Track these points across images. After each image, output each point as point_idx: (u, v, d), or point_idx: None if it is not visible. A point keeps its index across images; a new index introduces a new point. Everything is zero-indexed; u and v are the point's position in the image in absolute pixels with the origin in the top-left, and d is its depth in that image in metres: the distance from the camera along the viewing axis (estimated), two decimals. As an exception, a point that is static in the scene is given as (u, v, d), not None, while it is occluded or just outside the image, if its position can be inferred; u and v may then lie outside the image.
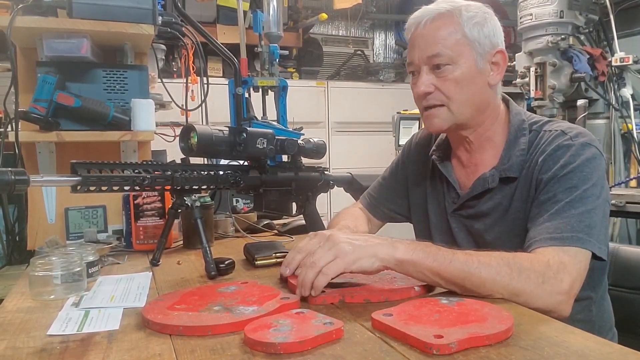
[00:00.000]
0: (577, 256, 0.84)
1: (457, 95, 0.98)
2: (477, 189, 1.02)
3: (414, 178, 1.19)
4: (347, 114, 3.53)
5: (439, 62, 0.97)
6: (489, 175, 1.01)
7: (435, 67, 0.98)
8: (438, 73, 0.98)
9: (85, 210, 1.35)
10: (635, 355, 0.59)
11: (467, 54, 0.97)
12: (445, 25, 0.97)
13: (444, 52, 0.96)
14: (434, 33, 0.97)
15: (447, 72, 0.97)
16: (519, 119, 1.03)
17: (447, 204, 1.09)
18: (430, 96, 0.99)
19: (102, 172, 0.90)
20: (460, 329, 0.63)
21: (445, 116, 1.00)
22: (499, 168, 1.01)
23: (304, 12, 3.57)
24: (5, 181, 0.76)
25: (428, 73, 0.98)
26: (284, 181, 1.20)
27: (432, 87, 0.98)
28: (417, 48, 0.99)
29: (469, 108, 1.00)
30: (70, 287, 0.89)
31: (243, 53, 1.54)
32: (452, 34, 0.97)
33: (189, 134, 1.04)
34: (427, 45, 0.97)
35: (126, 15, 1.37)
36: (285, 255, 1.07)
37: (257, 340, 0.62)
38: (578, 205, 0.88)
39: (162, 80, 1.84)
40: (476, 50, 0.98)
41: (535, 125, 1.02)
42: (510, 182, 0.99)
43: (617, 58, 2.62)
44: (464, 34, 0.97)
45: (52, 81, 1.37)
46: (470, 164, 1.07)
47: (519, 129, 1.02)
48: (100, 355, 0.63)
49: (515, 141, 1.01)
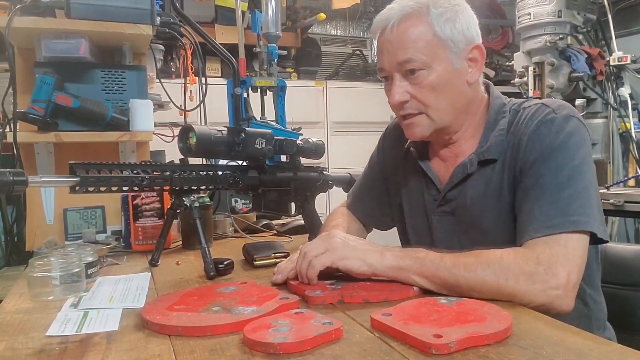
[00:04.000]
0: (570, 243, 0.79)
1: (435, 102, 0.92)
2: (457, 176, 0.97)
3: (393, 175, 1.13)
4: (345, 114, 3.53)
5: (412, 67, 0.90)
6: (467, 161, 0.96)
7: (408, 73, 0.91)
8: (412, 79, 0.91)
9: (84, 210, 1.35)
10: (635, 354, 0.59)
11: (441, 55, 0.91)
12: (414, 26, 0.90)
13: (415, 56, 0.89)
14: (403, 36, 0.90)
15: (422, 77, 0.91)
16: (499, 102, 0.98)
17: (428, 203, 1.03)
18: (406, 105, 0.93)
19: (100, 173, 0.90)
20: (460, 328, 0.63)
21: (425, 124, 0.95)
22: (477, 152, 0.95)
23: (302, 12, 3.57)
24: (3, 182, 0.76)
25: (401, 80, 0.92)
26: (282, 181, 1.20)
27: (407, 95, 0.92)
28: (387, 53, 0.92)
29: (449, 113, 0.95)
30: (69, 287, 0.89)
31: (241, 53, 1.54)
32: (423, 35, 0.90)
33: (188, 134, 1.04)
34: (396, 51, 0.90)
35: (124, 16, 1.37)
36: (285, 256, 1.07)
37: (256, 341, 0.62)
38: (567, 185, 0.83)
39: (161, 80, 1.84)
40: (450, 50, 0.91)
41: (515, 105, 0.97)
42: (490, 164, 0.94)
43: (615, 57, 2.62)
44: (434, 34, 0.90)
45: (50, 82, 1.37)
46: (450, 156, 1.01)
47: (498, 112, 0.97)
48: (99, 356, 0.63)
49: (494, 123, 0.96)
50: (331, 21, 4.02)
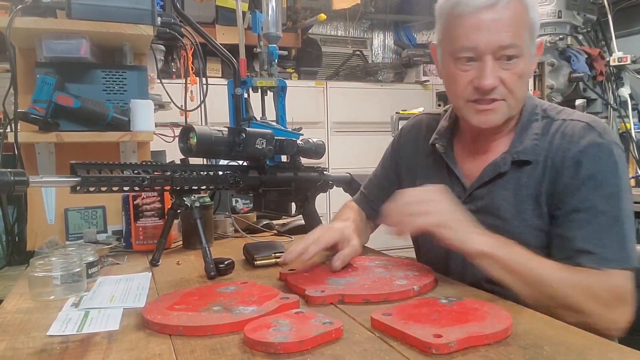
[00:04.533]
0: (631, 280, 0.82)
1: (518, 90, 0.90)
2: (488, 174, 0.95)
3: (407, 174, 1.13)
4: (346, 114, 3.53)
5: (511, 53, 0.87)
6: (500, 160, 0.94)
7: (503, 58, 0.87)
8: (505, 64, 0.88)
9: (85, 210, 1.35)
10: (635, 354, 0.59)
11: (528, 42, 0.89)
12: (520, 10, 0.86)
13: (517, 42, 0.86)
14: (511, 19, 0.85)
15: (515, 64, 0.88)
16: (532, 103, 0.97)
17: None
18: (494, 90, 0.89)
19: (101, 173, 0.90)
20: (460, 328, 0.63)
21: (504, 111, 0.91)
22: (510, 151, 0.94)
23: (302, 13, 3.58)
24: (4, 182, 0.76)
25: (494, 63, 0.87)
26: (283, 181, 1.20)
27: (497, 80, 0.88)
28: (487, 33, 0.85)
29: (521, 103, 0.94)
30: (70, 287, 0.89)
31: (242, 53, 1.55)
32: (524, 20, 0.87)
33: (188, 135, 1.04)
34: (500, 32, 0.85)
35: (125, 16, 1.37)
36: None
37: (256, 340, 0.62)
38: (619, 218, 0.84)
39: (161, 80, 1.84)
40: (532, 38, 0.90)
41: (548, 112, 0.96)
42: (523, 166, 0.92)
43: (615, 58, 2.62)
44: (529, 20, 0.88)
45: (51, 82, 1.37)
46: (479, 152, 0.99)
47: (531, 113, 0.96)
48: (100, 355, 0.63)
49: (528, 125, 0.95)
50: (331, 22, 4.02)
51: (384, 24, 4.25)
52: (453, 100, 0.97)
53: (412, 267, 0.95)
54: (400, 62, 4.06)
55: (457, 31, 0.89)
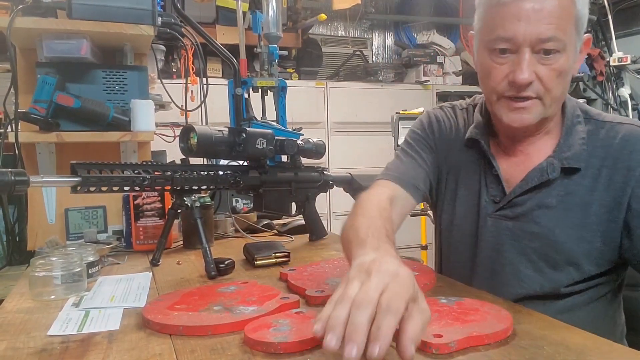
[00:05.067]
0: None
1: (556, 88, 0.83)
2: (533, 180, 0.88)
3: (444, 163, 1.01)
4: (346, 114, 3.53)
5: (552, 47, 0.80)
6: (547, 165, 0.87)
7: (542, 52, 0.81)
8: (543, 59, 0.81)
9: (85, 210, 1.35)
10: (636, 354, 0.59)
11: (573, 38, 0.82)
12: (564, 1, 0.79)
13: (559, 36, 0.79)
14: (554, 10, 0.78)
15: (554, 59, 0.81)
16: (572, 104, 0.92)
17: (484, 203, 0.93)
18: (529, 87, 0.82)
19: (102, 173, 0.90)
20: (460, 328, 0.63)
21: (538, 110, 0.85)
22: (558, 157, 0.87)
23: (303, 13, 3.57)
24: (5, 182, 0.76)
25: (531, 57, 0.81)
26: (283, 181, 1.20)
27: (534, 75, 0.81)
28: (526, 23, 0.79)
29: (558, 103, 0.87)
30: (71, 287, 0.89)
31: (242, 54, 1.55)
32: (569, 12, 0.80)
33: (189, 135, 1.04)
34: (540, 24, 0.78)
35: (126, 16, 1.37)
36: (286, 255, 1.07)
37: (257, 340, 0.62)
38: None
39: (162, 80, 1.84)
40: (578, 33, 0.83)
41: (590, 114, 0.91)
42: (572, 173, 0.87)
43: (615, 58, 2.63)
44: (576, 13, 0.81)
45: (51, 82, 1.37)
46: (519, 154, 0.92)
47: (574, 115, 0.91)
48: (101, 355, 0.63)
49: (572, 128, 0.89)
50: (332, 22, 4.02)
51: (384, 24, 4.25)
52: (486, 94, 0.91)
53: (412, 267, 0.95)
54: (400, 62, 4.06)
55: (494, 20, 0.83)
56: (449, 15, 4.23)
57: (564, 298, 0.89)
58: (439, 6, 4.22)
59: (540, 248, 0.89)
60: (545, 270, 0.89)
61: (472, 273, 0.96)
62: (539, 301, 0.89)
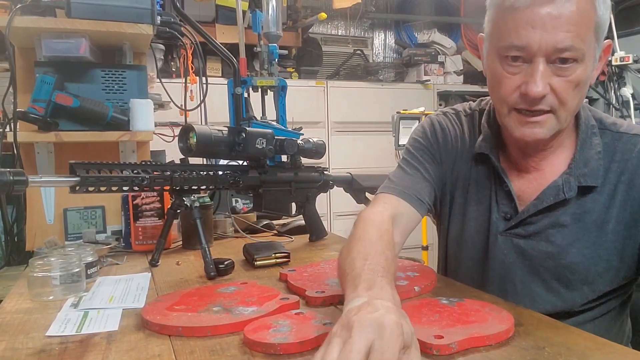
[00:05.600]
0: None
1: (571, 101, 0.77)
2: (548, 199, 0.84)
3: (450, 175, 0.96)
4: (346, 114, 3.53)
5: (569, 56, 0.74)
6: (563, 183, 0.83)
7: (558, 61, 0.74)
8: (559, 70, 0.75)
9: (84, 210, 1.35)
10: (636, 355, 0.59)
11: (592, 46, 0.76)
12: (586, 6, 0.73)
13: (577, 44, 0.73)
14: (572, 16, 0.72)
15: (571, 70, 0.74)
16: (586, 115, 0.86)
17: (495, 219, 0.89)
18: (543, 100, 0.76)
19: (100, 173, 0.90)
20: (461, 329, 0.63)
21: (551, 126, 0.79)
22: (574, 173, 0.83)
23: (303, 12, 3.57)
24: (3, 182, 0.75)
25: (545, 67, 0.75)
26: (283, 181, 1.20)
27: (548, 87, 0.75)
28: (542, 31, 0.72)
29: (572, 115, 0.81)
30: (69, 287, 0.89)
31: (242, 53, 1.54)
32: (589, 18, 0.73)
33: (188, 134, 1.04)
34: (557, 31, 0.72)
35: (125, 15, 1.36)
36: (286, 256, 1.07)
37: (256, 341, 0.61)
38: None
39: (161, 80, 1.84)
40: (598, 40, 0.77)
41: (604, 123, 0.87)
42: (588, 191, 0.83)
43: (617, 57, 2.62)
44: (596, 20, 0.74)
45: (50, 81, 1.37)
46: (531, 169, 0.87)
47: (587, 126, 0.85)
48: (100, 356, 0.63)
49: (587, 141, 0.85)
50: (332, 21, 4.01)
51: (385, 23, 4.25)
52: (496, 105, 0.85)
53: (413, 268, 0.95)
54: (401, 61, 4.06)
55: (507, 25, 0.76)
56: (450, 14, 4.22)
57: (575, 316, 0.87)
58: (440, 5, 4.22)
59: (554, 268, 0.85)
60: (559, 290, 0.86)
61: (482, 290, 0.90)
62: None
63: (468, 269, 0.95)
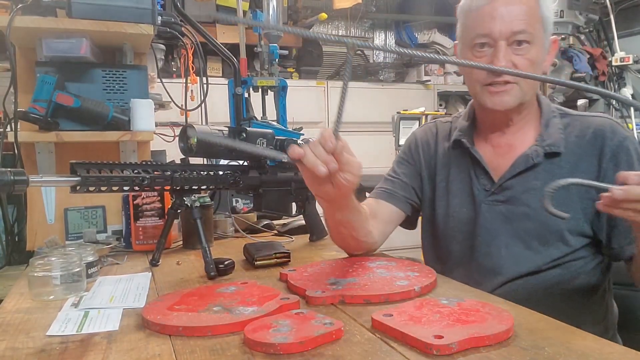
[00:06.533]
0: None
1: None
2: (520, 166, 1.01)
3: (427, 171, 1.15)
4: (347, 114, 3.48)
5: (523, 38, 0.95)
6: (531, 152, 1.00)
7: (515, 43, 0.96)
8: (517, 50, 0.96)
9: (85, 210, 1.35)
10: (638, 356, 0.59)
11: (540, 34, 0.98)
12: (531, 2, 0.96)
13: (528, 29, 0.95)
14: (521, 8, 0.95)
15: (526, 50, 0.96)
16: (547, 102, 1.07)
17: (477, 192, 1.05)
18: None
19: (101, 173, 0.90)
20: (461, 329, 0.63)
21: (516, 94, 0.98)
22: (540, 144, 1.00)
23: (303, 12, 3.57)
24: (4, 181, 0.75)
25: (506, 48, 0.96)
26: (283, 181, 1.20)
27: (510, 63, 0.96)
28: (500, 21, 0.95)
29: (533, 90, 1.01)
30: (70, 287, 0.89)
31: (242, 53, 1.55)
32: (535, 11, 0.96)
33: (189, 134, 1.04)
34: (513, 19, 0.95)
35: (125, 15, 1.37)
36: (286, 256, 1.07)
37: (256, 341, 0.62)
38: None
39: (162, 80, 1.84)
40: (545, 32, 0.99)
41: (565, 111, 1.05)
42: (554, 157, 1.00)
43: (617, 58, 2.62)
44: (541, 13, 0.97)
45: (51, 81, 1.37)
46: (504, 146, 1.05)
47: (549, 111, 1.05)
48: (100, 355, 0.63)
49: (550, 122, 1.03)
50: (332, 21, 4.02)
51: (385, 24, 4.25)
52: (471, 87, 1.04)
53: (413, 268, 0.95)
54: (401, 61, 4.06)
55: (473, 22, 0.98)
56: (450, 14, 4.22)
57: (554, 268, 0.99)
58: (440, 5, 4.22)
59: (532, 228, 0.99)
60: (538, 248, 0.99)
61: (470, 259, 1.05)
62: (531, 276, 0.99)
63: (458, 242, 1.08)
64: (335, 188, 0.81)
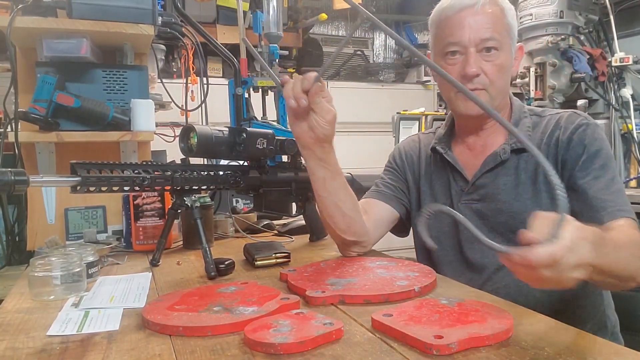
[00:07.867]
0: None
1: (498, 81, 1.02)
2: (489, 164, 1.06)
3: (412, 177, 1.21)
4: (347, 114, 3.53)
5: (491, 45, 1.00)
6: (500, 150, 1.05)
7: (484, 50, 1.00)
8: (486, 56, 1.01)
9: (85, 210, 1.35)
10: (635, 355, 0.59)
11: (507, 41, 1.03)
12: (497, 10, 1.02)
13: (496, 36, 1.00)
14: (489, 17, 1.00)
15: (495, 56, 1.01)
16: (519, 104, 1.12)
17: (455, 193, 1.11)
18: (475, 79, 1.01)
19: (101, 173, 0.90)
20: (461, 329, 0.63)
21: (486, 100, 1.01)
22: (508, 143, 1.05)
23: (303, 12, 3.57)
24: (4, 181, 0.76)
25: (476, 55, 1.00)
26: (283, 181, 1.20)
27: (480, 69, 1.00)
28: (469, 29, 1.00)
29: (502, 94, 1.06)
30: (70, 287, 0.89)
31: (243, 53, 1.54)
32: (501, 20, 1.02)
33: (189, 134, 1.04)
34: (481, 28, 1.00)
35: (126, 16, 1.37)
36: (286, 256, 1.07)
37: (257, 341, 0.62)
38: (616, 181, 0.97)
39: (162, 80, 1.84)
40: (512, 40, 1.04)
41: (534, 111, 1.10)
42: (520, 153, 1.04)
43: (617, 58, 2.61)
44: (507, 22, 1.03)
45: (51, 81, 1.37)
46: (479, 147, 1.10)
47: (521, 112, 1.09)
48: (100, 355, 0.63)
49: (520, 122, 1.08)
50: (333, 21, 4.01)
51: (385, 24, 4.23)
52: (445, 95, 1.10)
53: (413, 268, 0.95)
54: (401, 62, 4.06)
55: (444, 31, 1.03)
56: (450, 15, 4.22)
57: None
58: (440, 6, 4.22)
59: (506, 222, 1.03)
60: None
61: (458, 258, 1.09)
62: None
63: (444, 242, 1.11)
64: (309, 130, 0.91)
